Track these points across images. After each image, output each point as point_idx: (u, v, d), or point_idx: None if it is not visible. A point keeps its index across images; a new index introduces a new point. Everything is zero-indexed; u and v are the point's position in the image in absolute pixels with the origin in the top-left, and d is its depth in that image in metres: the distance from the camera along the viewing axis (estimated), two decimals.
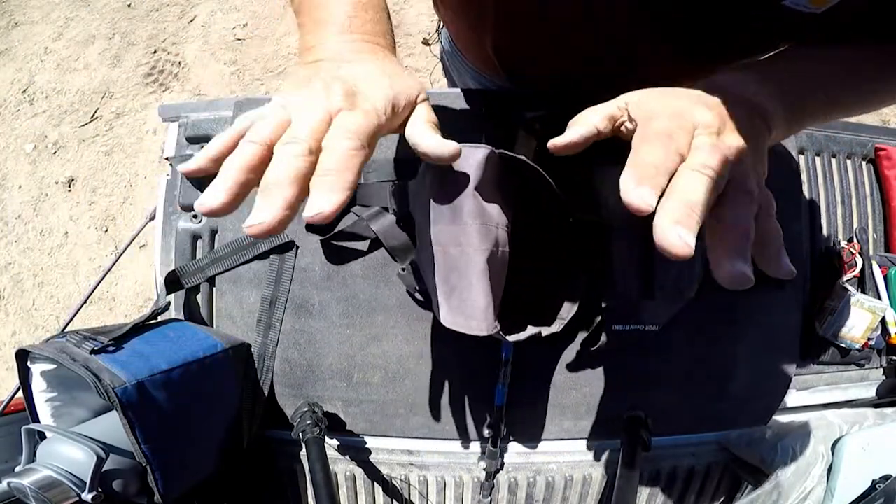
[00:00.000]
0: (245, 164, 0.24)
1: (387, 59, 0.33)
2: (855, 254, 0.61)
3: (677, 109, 0.28)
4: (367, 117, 0.28)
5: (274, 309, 0.55)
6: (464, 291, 0.37)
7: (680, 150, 0.26)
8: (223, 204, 0.24)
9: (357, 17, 0.33)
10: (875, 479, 0.50)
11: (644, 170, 0.25)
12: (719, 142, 0.26)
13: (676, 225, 0.23)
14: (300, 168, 0.24)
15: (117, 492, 0.43)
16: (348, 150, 0.25)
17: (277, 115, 0.26)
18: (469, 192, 0.36)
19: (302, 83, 0.29)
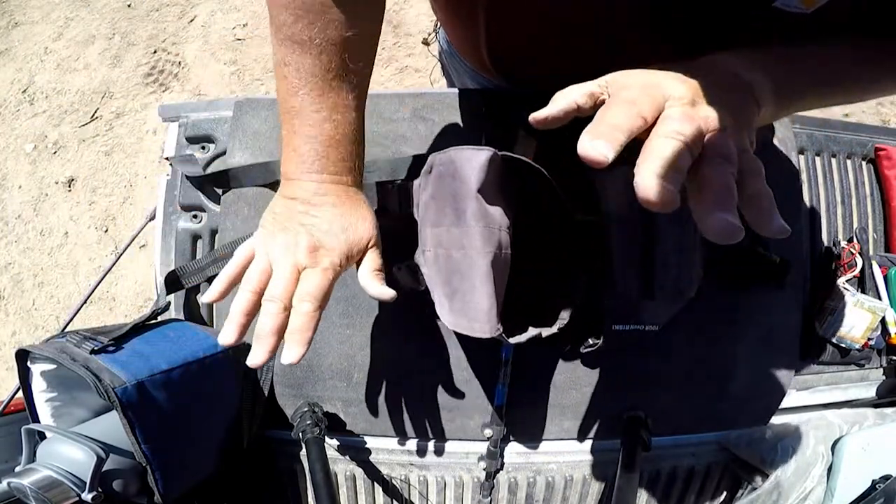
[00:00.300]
0: (244, 311, 0.37)
1: (348, 201, 0.40)
2: (855, 254, 0.61)
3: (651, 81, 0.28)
4: (325, 275, 0.38)
5: None
6: (467, 294, 0.37)
7: (643, 113, 0.26)
8: (236, 339, 0.37)
9: (327, 157, 0.39)
10: (875, 479, 0.50)
11: (601, 126, 0.25)
12: (692, 111, 0.26)
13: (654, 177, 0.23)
14: (277, 324, 0.36)
15: (117, 492, 0.43)
16: (308, 313, 0.36)
17: (262, 264, 0.38)
18: (472, 194, 0.36)
19: (279, 225, 0.39)
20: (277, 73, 0.40)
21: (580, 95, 0.30)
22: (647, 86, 0.28)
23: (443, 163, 0.38)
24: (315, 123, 0.38)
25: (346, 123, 0.40)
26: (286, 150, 0.40)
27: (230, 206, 0.56)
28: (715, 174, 0.25)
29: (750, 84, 0.30)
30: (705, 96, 0.28)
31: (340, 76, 0.38)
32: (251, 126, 0.57)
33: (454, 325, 0.38)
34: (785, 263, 0.55)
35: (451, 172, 0.37)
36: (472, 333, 0.37)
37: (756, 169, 0.27)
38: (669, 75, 0.29)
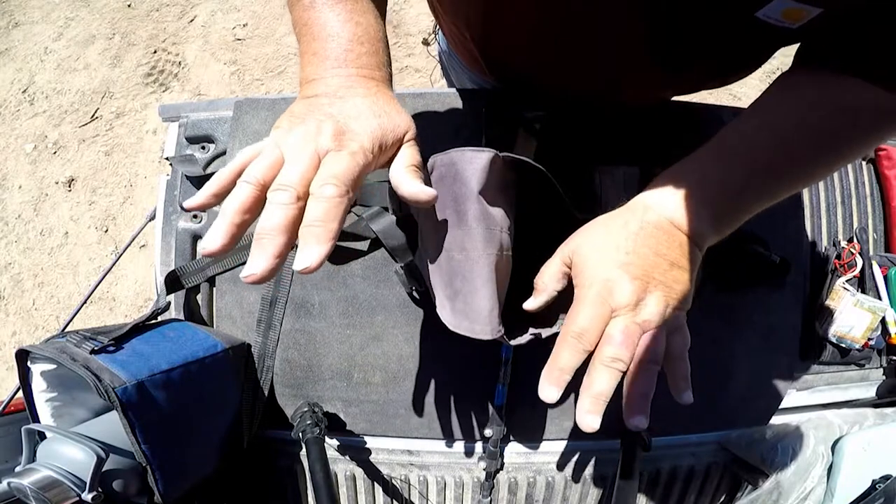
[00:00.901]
0: (240, 207, 0.28)
1: (379, 94, 0.35)
2: (855, 254, 0.61)
3: (602, 288, 0.33)
4: (354, 158, 0.30)
5: (274, 309, 0.55)
6: (468, 296, 0.37)
7: (587, 347, 0.32)
8: (223, 245, 0.27)
9: (352, 51, 0.35)
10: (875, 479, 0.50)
11: (554, 373, 0.33)
12: (632, 321, 0.32)
13: (587, 414, 0.32)
14: (289, 217, 0.27)
15: (117, 492, 0.43)
16: (332, 197, 0.27)
17: (271, 155, 0.29)
18: (473, 196, 0.36)
19: (296, 120, 0.32)
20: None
21: (553, 286, 0.38)
22: (600, 294, 0.33)
23: (444, 164, 0.38)
24: (336, 24, 0.34)
25: (368, 24, 0.36)
26: (304, 59, 0.35)
27: None
28: (641, 378, 0.35)
29: (691, 235, 0.34)
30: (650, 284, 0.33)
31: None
32: (251, 126, 0.57)
33: (455, 327, 0.38)
34: (785, 263, 0.55)
35: (452, 174, 0.37)
36: (474, 335, 0.37)
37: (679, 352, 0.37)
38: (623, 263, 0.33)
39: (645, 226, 0.34)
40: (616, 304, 0.33)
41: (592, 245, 0.35)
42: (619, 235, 0.34)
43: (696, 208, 0.34)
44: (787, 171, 0.36)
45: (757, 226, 0.55)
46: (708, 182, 0.35)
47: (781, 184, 0.36)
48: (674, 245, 0.34)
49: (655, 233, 0.34)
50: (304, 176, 0.28)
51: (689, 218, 0.34)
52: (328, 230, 0.27)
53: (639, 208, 0.36)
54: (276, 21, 1.88)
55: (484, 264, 0.37)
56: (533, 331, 0.43)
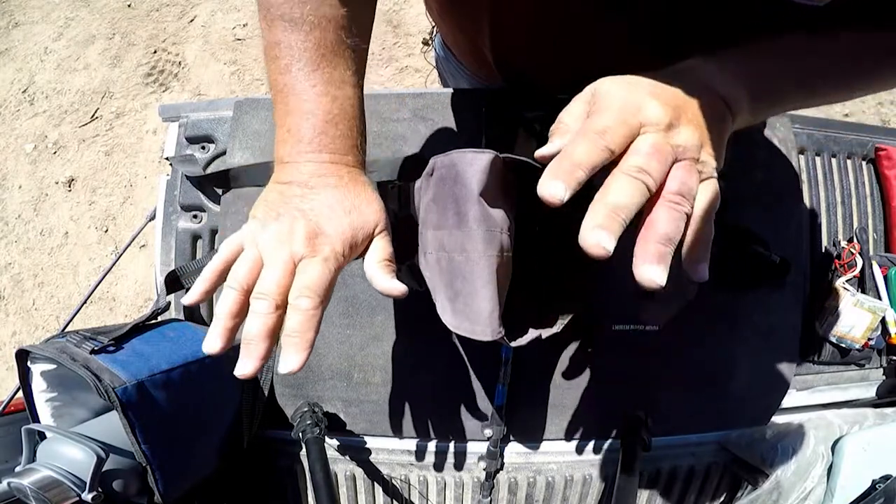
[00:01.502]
0: (229, 312, 0.32)
1: (350, 183, 0.36)
2: (855, 254, 0.61)
3: (631, 102, 0.28)
4: (327, 265, 0.32)
5: None
6: (468, 297, 0.37)
7: (610, 145, 0.26)
8: (222, 347, 0.32)
9: (326, 134, 0.35)
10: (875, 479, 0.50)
11: (563, 163, 0.26)
12: (664, 140, 0.27)
13: (597, 229, 0.24)
14: (268, 325, 0.31)
15: (117, 492, 0.43)
16: (307, 310, 0.31)
17: (250, 257, 0.33)
18: (473, 198, 0.36)
19: (271, 213, 0.34)
20: (267, 55, 0.36)
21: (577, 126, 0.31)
22: (626, 108, 0.28)
23: (444, 166, 0.38)
24: (311, 99, 0.35)
25: (345, 98, 0.36)
26: (279, 132, 0.36)
27: (230, 206, 0.56)
28: (663, 219, 0.26)
29: (725, 98, 0.30)
30: (682, 116, 0.28)
31: (335, 51, 0.35)
32: (251, 126, 0.57)
33: (456, 328, 0.38)
34: (785, 263, 0.55)
35: (452, 176, 0.37)
36: (474, 336, 0.37)
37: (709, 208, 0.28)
38: (652, 91, 0.29)
39: (678, 78, 0.30)
40: (645, 120, 0.27)
41: (619, 79, 0.31)
42: (649, 77, 0.30)
43: (733, 79, 0.31)
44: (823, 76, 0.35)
45: (757, 226, 0.55)
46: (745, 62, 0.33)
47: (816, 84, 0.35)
48: (706, 100, 0.29)
49: (690, 85, 0.30)
50: (281, 284, 0.31)
51: (726, 84, 0.31)
52: (305, 340, 0.31)
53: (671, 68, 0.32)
54: None
55: (484, 266, 0.37)
56: (533, 331, 0.43)
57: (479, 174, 0.36)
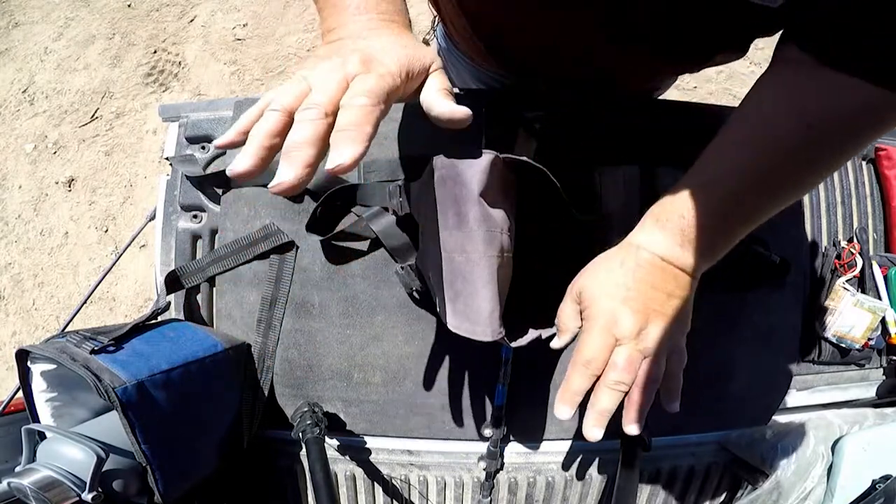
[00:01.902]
0: (269, 131, 0.27)
1: (402, 33, 0.36)
2: (855, 254, 0.61)
3: (608, 319, 0.37)
4: (382, 79, 0.30)
5: (274, 309, 0.55)
6: (469, 297, 0.37)
7: (596, 373, 0.38)
8: (251, 167, 0.26)
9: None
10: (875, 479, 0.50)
11: (566, 396, 0.38)
12: (635, 349, 0.37)
13: (593, 427, 0.38)
14: (317, 130, 0.26)
15: (117, 492, 0.43)
16: (364, 106, 0.27)
17: (299, 85, 0.29)
18: (474, 198, 0.36)
19: (322, 59, 0.32)
20: None
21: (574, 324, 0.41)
22: (607, 325, 0.37)
23: (444, 166, 0.38)
24: None
25: None
26: (324, 11, 0.36)
27: (230, 206, 0.56)
28: (640, 397, 0.38)
29: (684, 268, 0.37)
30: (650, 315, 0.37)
31: None
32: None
33: (457, 329, 0.38)
34: (785, 263, 0.55)
35: (453, 176, 0.37)
36: (475, 337, 0.37)
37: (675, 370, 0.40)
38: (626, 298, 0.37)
39: (641, 263, 0.38)
40: (620, 335, 0.37)
41: (596, 283, 0.39)
42: (618, 273, 0.38)
43: (683, 244, 0.37)
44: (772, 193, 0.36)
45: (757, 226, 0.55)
46: (691, 219, 0.36)
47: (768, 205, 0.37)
48: (668, 278, 0.38)
49: (651, 269, 0.38)
50: (333, 96, 0.28)
51: (678, 254, 0.37)
52: (362, 132, 0.26)
53: (632, 248, 0.39)
54: (276, 21, 1.88)
55: (484, 266, 0.37)
56: (533, 332, 0.43)
57: (479, 174, 0.36)
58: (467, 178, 0.37)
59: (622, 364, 0.37)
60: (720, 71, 1.79)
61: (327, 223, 0.54)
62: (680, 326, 0.39)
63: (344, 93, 0.28)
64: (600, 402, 0.37)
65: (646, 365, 0.38)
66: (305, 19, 1.88)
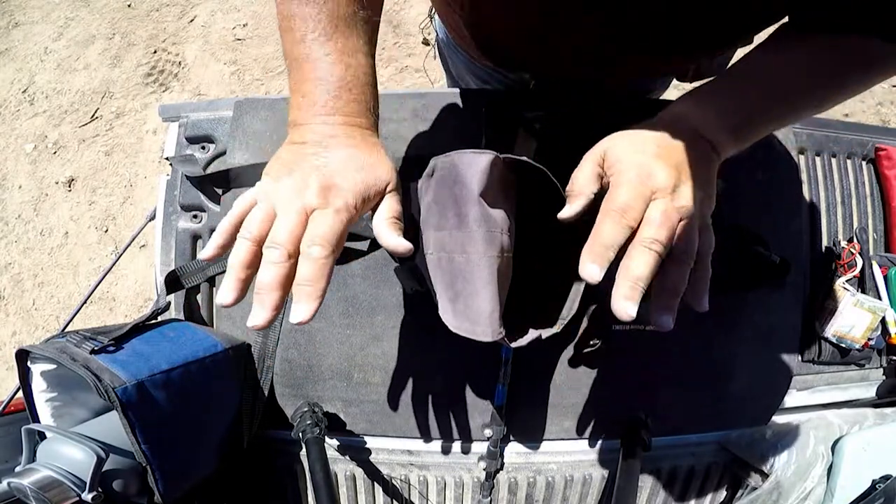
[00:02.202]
0: (242, 263, 0.32)
1: (363, 143, 0.37)
2: (855, 254, 0.61)
3: (642, 171, 0.34)
4: (339, 216, 0.33)
5: None
6: (469, 297, 0.37)
7: (631, 223, 0.33)
8: (235, 298, 0.32)
9: (340, 98, 0.36)
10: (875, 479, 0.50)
11: (596, 249, 0.33)
12: (671, 206, 0.33)
13: (623, 299, 0.31)
14: (281, 274, 0.31)
15: (117, 492, 0.43)
16: (319, 258, 0.31)
17: (264, 209, 0.33)
18: (474, 199, 0.36)
19: (284, 170, 0.35)
20: (282, 27, 0.38)
21: (590, 188, 0.36)
22: (640, 177, 0.34)
23: (444, 166, 0.38)
24: (325, 66, 0.36)
25: (358, 66, 0.37)
26: (294, 97, 0.37)
27: (230, 206, 0.56)
28: (673, 274, 0.33)
29: (712, 142, 0.36)
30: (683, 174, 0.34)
31: (348, 22, 0.37)
32: (251, 126, 0.57)
33: (457, 329, 0.38)
34: (785, 263, 0.55)
35: (452, 176, 0.37)
36: (475, 337, 0.37)
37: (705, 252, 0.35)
38: (657, 153, 0.35)
39: (670, 130, 0.36)
40: (655, 186, 0.33)
41: (625, 140, 0.37)
42: (648, 133, 0.36)
43: (714, 119, 0.37)
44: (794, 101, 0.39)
45: (757, 226, 0.55)
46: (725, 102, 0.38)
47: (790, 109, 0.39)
48: (696, 147, 0.36)
49: (680, 135, 0.36)
50: (293, 233, 0.32)
51: (709, 127, 0.36)
52: (317, 289, 0.31)
53: (662, 119, 0.38)
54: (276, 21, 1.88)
55: (484, 266, 0.37)
56: (533, 332, 0.43)
57: (479, 175, 0.36)
58: (467, 178, 0.37)
59: (659, 218, 0.32)
60: None
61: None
62: (709, 198, 0.36)
63: (303, 228, 0.32)
64: (635, 265, 0.32)
65: (682, 228, 0.33)
66: None
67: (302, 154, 0.35)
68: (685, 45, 0.46)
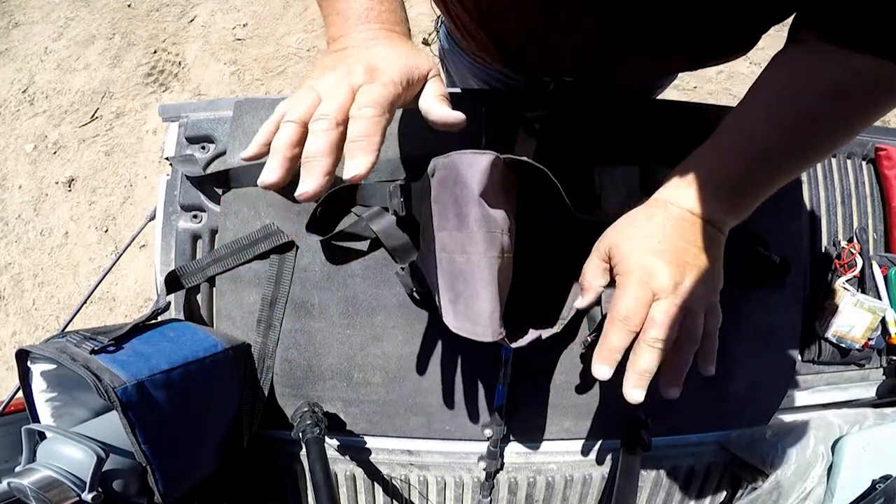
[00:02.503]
0: (287, 142, 0.30)
1: (402, 42, 0.38)
2: (855, 254, 0.61)
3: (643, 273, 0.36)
4: (386, 88, 0.32)
5: (274, 309, 0.55)
6: (469, 299, 0.37)
7: (634, 329, 0.36)
8: (279, 178, 0.30)
9: (373, 9, 0.37)
10: (875, 479, 0.50)
11: (604, 353, 0.37)
12: (673, 304, 0.35)
13: (633, 389, 0.36)
14: (331, 140, 0.30)
15: (117, 492, 0.43)
16: (372, 116, 0.30)
17: (308, 96, 0.32)
18: (474, 199, 0.37)
19: (328, 68, 0.34)
20: None
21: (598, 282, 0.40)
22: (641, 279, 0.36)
23: (445, 167, 0.38)
24: None
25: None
26: (329, 18, 0.38)
27: (230, 206, 0.56)
28: (678, 359, 0.36)
29: (713, 223, 0.38)
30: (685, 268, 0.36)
31: None
32: (251, 126, 0.57)
33: (458, 329, 0.38)
34: (785, 263, 0.55)
35: (453, 177, 0.37)
36: (476, 337, 0.37)
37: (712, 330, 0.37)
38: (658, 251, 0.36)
39: (669, 217, 0.38)
40: (657, 288, 0.36)
41: (626, 239, 0.38)
42: (648, 227, 0.38)
43: (711, 199, 0.37)
44: (790, 157, 0.38)
45: (757, 226, 0.55)
46: (717, 175, 0.38)
47: (787, 167, 0.39)
48: (698, 232, 0.37)
49: (680, 223, 0.37)
50: (342, 106, 0.31)
51: (707, 209, 0.37)
52: (372, 142, 0.30)
53: (660, 204, 0.39)
54: (276, 21, 1.88)
55: (485, 267, 0.37)
56: (533, 332, 0.43)
57: (479, 175, 0.36)
58: (467, 179, 0.37)
59: (661, 319, 0.35)
60: (720, 71, 1.79)
61: (327, 223, 0.54)
62: (713, 283, 0.38)
63: (351, 102, 0.31)
64: (640, 361, 0.35)
65: (686, 322, 0.36)
66: (305, 19, 1.88)
67: (345, 54, 0.36)
68: (685, 45, 0.46)
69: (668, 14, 0.41)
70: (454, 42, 0.68)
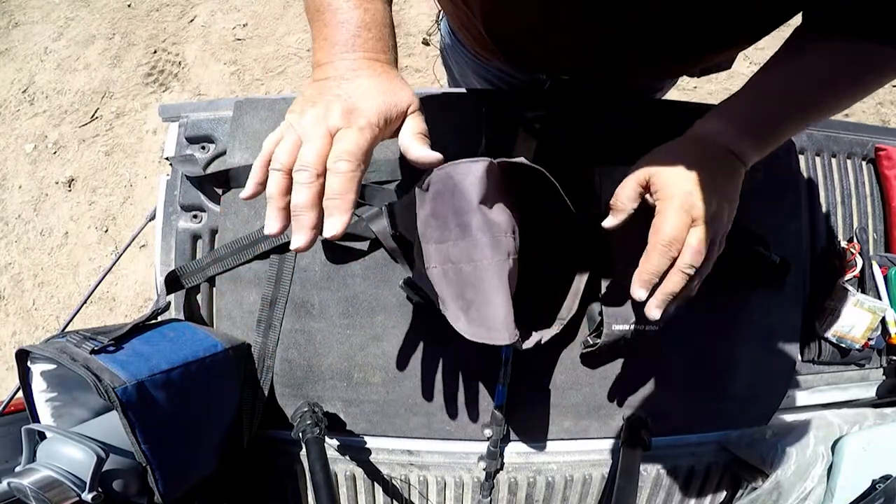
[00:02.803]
0: (278, 191, 0.33)
1: (384, 74, 0.38)
2: (855, 254, 0.61)
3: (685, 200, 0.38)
4: (362, 133, 0.34)
5: (274, 309, 0.55)
6: (482, 305, 0.37)
7: (674, 255, 0.38)
8: (281, 227, 0.34)
9: (360, 37, 0.38)
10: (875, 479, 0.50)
11: (645, 276, 0.39)
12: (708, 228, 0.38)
13: (656, 308, 0.39)
14: (313, 193, 0.32)
15: (117, 492, 0.43)
16: (346, 172, 0.32)
17: (291, 139, 0.34)
18: (474, 207, 0.37)
19: (308, 103, 0.36)
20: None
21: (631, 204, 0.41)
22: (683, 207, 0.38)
23: (440, 180, 0.38)
24: (345, 11, 0.38)
25: (376, 10, 0.39)
26: (316, 43, 0.39)
27: (230, 206, 0.56)
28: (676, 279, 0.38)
29: (739, 155, 0.40)
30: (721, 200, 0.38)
31: None
32: (251, 126, 0.57)
33: (473, 336, 0.38)
34: (785, 263, 0.55)
35: (450, 188, 0.37)
36: (492, 342, 0.38)
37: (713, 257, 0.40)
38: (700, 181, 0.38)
39: (708, 151, 0.40)
40: (697, 216, 0.38)
41: (667, 167, 0.40)
42: (689, 159, 0.40)
43: (742, 136, 0.41)
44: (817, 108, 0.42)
45: (757, 226, 0.55)
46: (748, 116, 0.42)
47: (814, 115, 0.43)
48: (728, 165, 0.40)
49: (717, 157, 0.40)
50: (320, 154, 0.33)
51: (738, 144, 0.40)
52: (346, 200, 0.32)
53: (699, 139, 0.42)
54: (276, 21, 1.88)
55: (493, 272, 0.37)
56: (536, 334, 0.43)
57: (476, 183, 0.37)
58: (465, 188, 0.37)
59: (696, 246, 0.37)
60: None
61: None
62: (733, 215, 0.41)
63: (329, 147, 0.33)
64: (671, 284, 0.38)
65: (710, 250, 0.39)
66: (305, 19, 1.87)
67: (325, 87, 0.37)
68: (685, 45, 0.46)
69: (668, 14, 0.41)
70: (455, 38, 0.68)
